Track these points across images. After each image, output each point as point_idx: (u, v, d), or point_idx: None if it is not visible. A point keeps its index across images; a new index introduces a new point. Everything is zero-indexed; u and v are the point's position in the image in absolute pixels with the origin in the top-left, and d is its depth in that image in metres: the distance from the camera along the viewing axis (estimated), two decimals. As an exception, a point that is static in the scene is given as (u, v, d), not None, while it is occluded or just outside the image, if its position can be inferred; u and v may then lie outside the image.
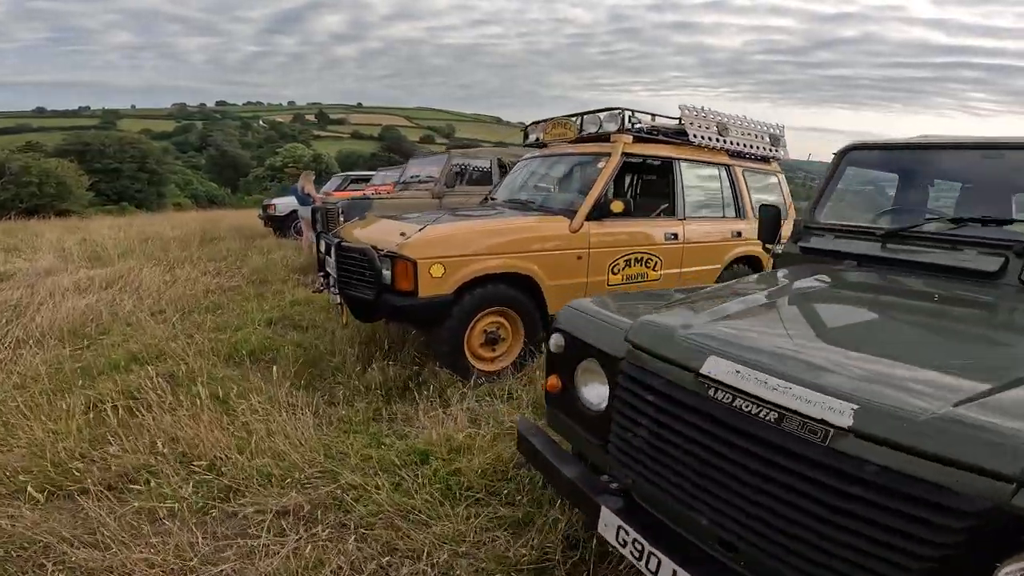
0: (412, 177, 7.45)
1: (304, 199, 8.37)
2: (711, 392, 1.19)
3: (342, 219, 6.09)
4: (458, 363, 3.28)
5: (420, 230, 3.08)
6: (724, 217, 4.52)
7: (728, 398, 1.15)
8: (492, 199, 4.63)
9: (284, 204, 10.74)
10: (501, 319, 3.44)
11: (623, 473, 1.44)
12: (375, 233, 3.49)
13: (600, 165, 3.80)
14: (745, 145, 4.62)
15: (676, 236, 4.08)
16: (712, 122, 4.38)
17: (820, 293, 1.67)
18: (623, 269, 3.81)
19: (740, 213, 4.62)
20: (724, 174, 4.55)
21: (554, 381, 1.73)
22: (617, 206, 3.51)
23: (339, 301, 3.43)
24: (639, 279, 3.94)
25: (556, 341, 1.70)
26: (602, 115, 4.01)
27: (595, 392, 1.61)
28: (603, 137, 4.07)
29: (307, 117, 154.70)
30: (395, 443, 2.58)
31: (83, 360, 3.74)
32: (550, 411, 1.82)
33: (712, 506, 1.17)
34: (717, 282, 4.49)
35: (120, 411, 2.72)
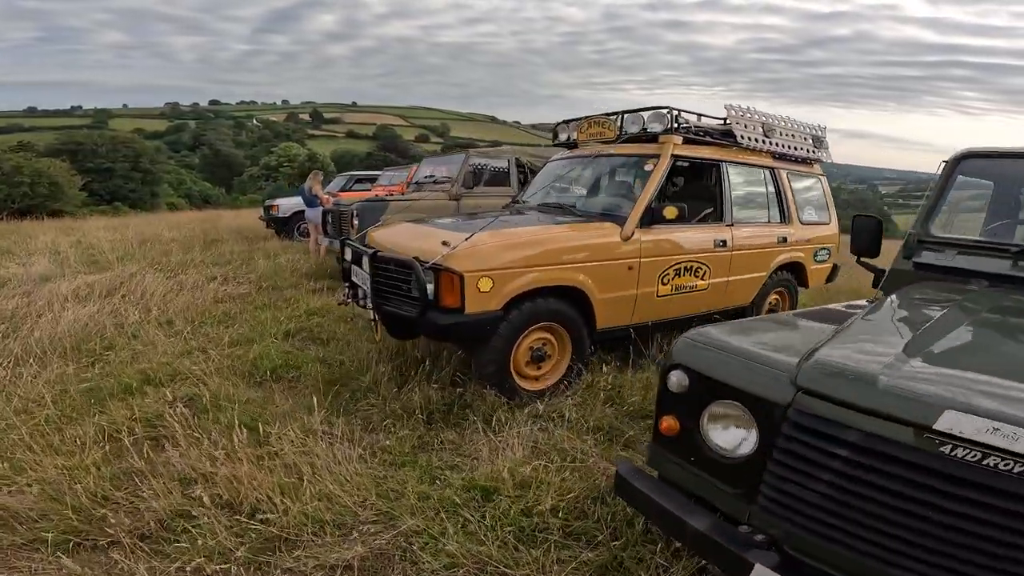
0: (426, 177, 7.19)
1: (312, 200, 8.10)
2: (946, 449, 1.03)
3: (356, 222, 5.83)
4: (504, 383, 3.04)
5: (467, 239, 2.83)
6: (769, 222, 4.30)
7: (975, 456, 1.01)
8: (522, 202, 4.39)
9: (287, 205, 10.45)
10: (548, 335, 3.20)
11: (770, 523, 1.24)
12: (411, 241, 3.24)
13: (648, 167, 3.57)
14: (789, 147, 4.41)
15: (725, 243, 3.86)
16: (758, 123, 4.17)
17: (1011, 323, 1.46)
18: (672, 279, 3.58)
19: (784, 218, 4.41)
20: (768, 177, 4.34)
21: (670, 423, 1.50)
22: (670, 212, 3.28)
23: (373, 317, 3.16)
24: (687, 289, 3.71)
25: (678, 380, 1.47)
26: (646, 114, 3.78)
27: (731, 437, 1.39)
28: (644, 137, 3.85)
29: (301, 116, 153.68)
30: (451, 478, 2.34)
31: (90, 380, 3.46)
32: (660, 453, 1.59)
33: (931, 563, 1.05)
34: (762, 290, 4.28)
35: (140, 443, 2.46)
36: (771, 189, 4.34)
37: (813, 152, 4.66)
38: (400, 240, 3.34)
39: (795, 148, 4.46)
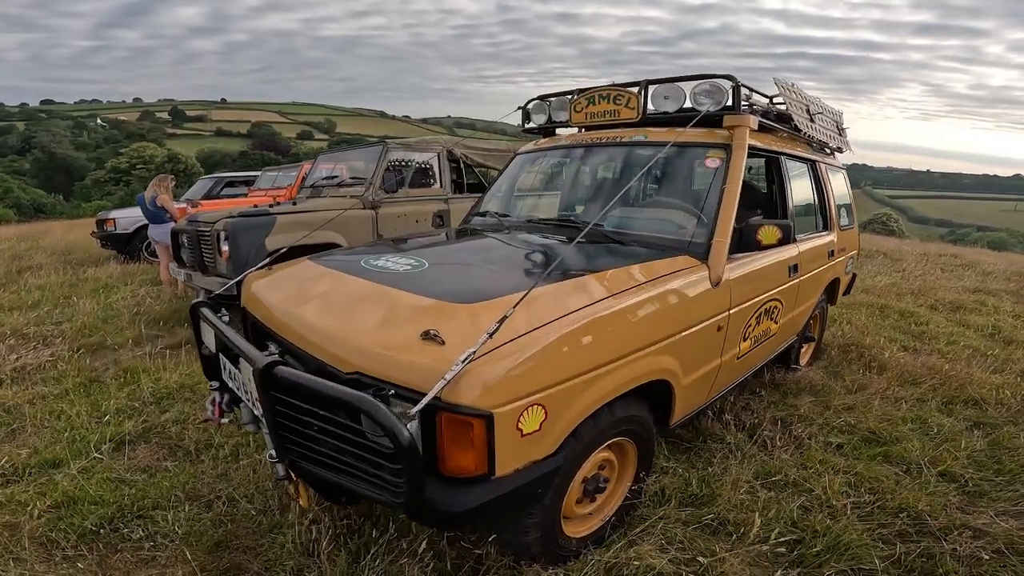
0: (325, 178, 5.39)
1: (157, 214, 5.88)
2: None
3: (226, 249, 4.02)
4: (554, 549, 1.65)
5: (493, 332, 1.30)
6: (818, 231, 3.28)
7: None
8: (493, 215, 2.95)
9: (128, 218, 7.98)
10: (609, 454, 1.83)
11: None
12: (339, 319, 1.66)
13: (712, 164, 2.32)
14: (827, 136, 3.43)
15: (796, 268, 2.74)
16: (803, 104, 3.12)
17: None
18: (753, 330, 2.38)
19: (827, 224, 3.42)
20: (810, 173, 3.31)
21: None
22: (770, 234, 2.04)
23: (284, 474, 1.55)
24: (764, 338, 2.54)
25: None
26: (688, 87, 2.52)
27: None
28: (686, 119, 2.62)
29: (158, 114, 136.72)
30: None
31: None
32: None
33: None
34: (809, 318, 3.28)
35: None
36: (815, 188, 3.32)
37: (838, 142, 3.74)
38: (313, 315, 1.74)
39: (830, 137, 3.50)
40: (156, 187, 6.13)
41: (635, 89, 2.67)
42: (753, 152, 2.59)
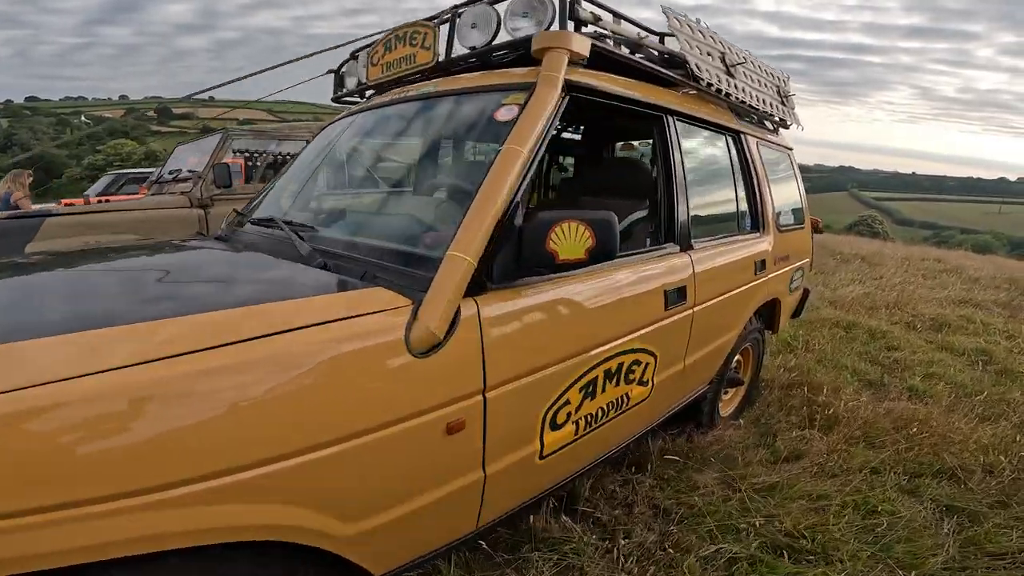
0: (171, 173, 4.41)
1: (6, 213, 5.01)
2: None
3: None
4: None
5: None
6: (740, 233, 2.32)
7: None
8: (238, 215, 1.96)
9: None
10: None
11: None
12: None
13: (504, 116, 1.35)
14: (759, 100, 2.47)
15: (683, 294, 1.77)
16: (716, 50, 2.16)
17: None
18: (578, 409, 1.41)
19: (758, 224, 2.46)
20: (734, 150, 2.36)
21: None
22: (572, 241, 1.08)
23: None
24: (613, 413, 1.57)
25: None
26: (501, 6, 1.56)
27: None
28: (501, 57, 1.68)
29: (148, 113, 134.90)
30: None
31: None
32: None
33: None
34: (728, 358, 2.33)
35: None
36: (741, 171, 2.37)
37: (780, 112, 2.78)
38: None
39: (764, 102, 2.54)
40: (10, 184, 5.44)
41: (435, 22, 1.70)
42: (606, 101, 1.61)
